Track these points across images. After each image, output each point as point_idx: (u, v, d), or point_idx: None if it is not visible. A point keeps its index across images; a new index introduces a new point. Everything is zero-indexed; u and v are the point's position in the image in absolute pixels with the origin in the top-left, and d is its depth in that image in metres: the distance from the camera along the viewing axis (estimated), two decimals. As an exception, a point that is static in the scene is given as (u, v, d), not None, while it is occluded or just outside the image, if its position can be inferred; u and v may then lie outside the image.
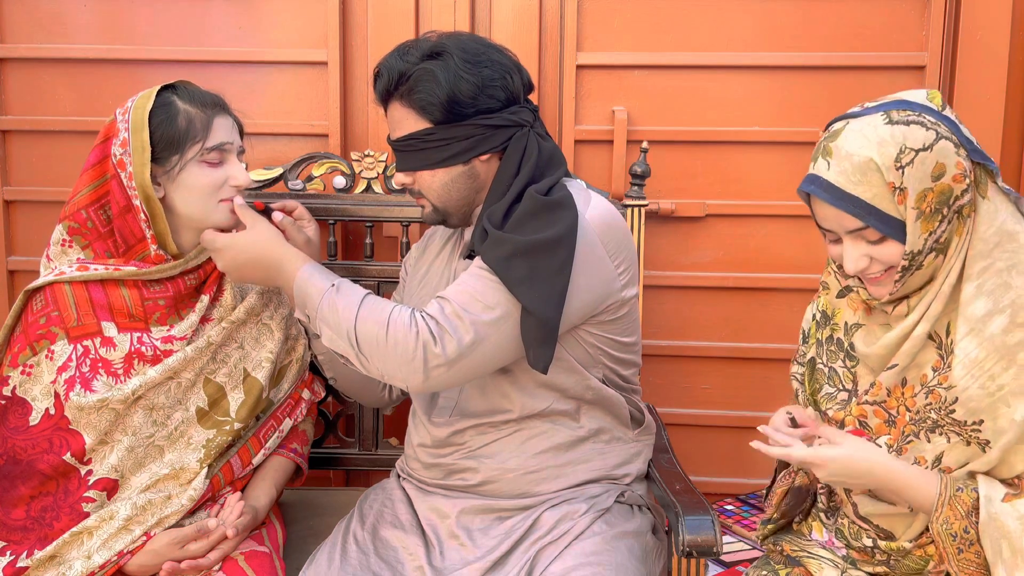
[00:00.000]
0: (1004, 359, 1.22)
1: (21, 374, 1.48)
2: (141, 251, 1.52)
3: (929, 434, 1.29)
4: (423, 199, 1.52)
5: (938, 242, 1.24)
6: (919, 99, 1.25)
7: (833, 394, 1.39)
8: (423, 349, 1.34)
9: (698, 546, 1.41)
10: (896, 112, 1.23)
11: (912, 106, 1.24)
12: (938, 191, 1.21)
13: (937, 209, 1.22)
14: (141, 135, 1.48)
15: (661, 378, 2.14)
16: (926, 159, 1.20)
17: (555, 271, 1.35)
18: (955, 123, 1.24)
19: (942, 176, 1.21)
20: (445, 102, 1.42)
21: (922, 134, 1.21)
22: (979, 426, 1.24)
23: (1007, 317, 1.22)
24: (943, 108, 1.25)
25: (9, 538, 1.47)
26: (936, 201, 1.21)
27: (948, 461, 1.28)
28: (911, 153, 1.20)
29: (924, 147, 1.20)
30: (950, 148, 1.21)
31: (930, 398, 1.28)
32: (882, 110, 1.24)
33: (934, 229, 1.23)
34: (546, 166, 1.47)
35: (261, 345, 1.64)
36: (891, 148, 1.20)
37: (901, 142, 1.20)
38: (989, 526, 1.22)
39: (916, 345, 1.27)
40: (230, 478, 1.58)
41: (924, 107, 1.24)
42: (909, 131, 1.21)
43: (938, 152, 1.21)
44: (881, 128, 1.22)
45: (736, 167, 2.08)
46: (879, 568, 1.37)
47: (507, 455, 1.51)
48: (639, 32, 2.05)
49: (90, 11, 2.09)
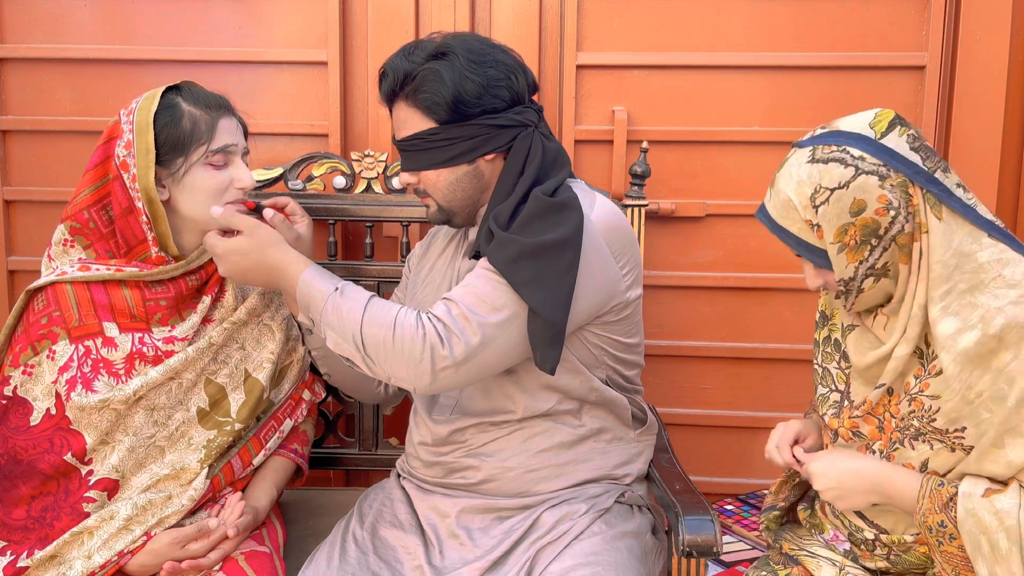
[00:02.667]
0: (979, 368, 1.23)
1: (22, 374, 1.48)
2: (142, 252, 1.52)
3: (913, 441, 1.31)
4: (428, 198, 1.52)
5: (873, 269, 1.27)
6: (858, 127, 1.27)
7: (826, 395, 1.41)
8: (430, 351, 1.34)
9: (698, 546, 1.41)
10: (821, 148, 1.26)
11: (842, 139, 1.26)
12: (860, 225, 1.24)
13: (864, 240, 1.25)
14: (146, 137, 1.47)
15: (661, 378, 2.14)
16: (842, 197, 1.24)
17: (561, 272, 1.35)
18: (892, 151, 1.25)
19: (862, 211, 1.24)
20: (450, 102, 1.42)
21: (839, 172, 1.24)
22: (962, 432, 1.26)
23: (978, 331, 1.22)
24: (885, 133, 1.26)
25: (10, 538, 1.47)
26: (861, 234, 1.25)
27: (935, 466, 1.30)
28: (826, 192, 1.24)
29: (840, 185, 1.23)
30: (872, 183, 1.23)
31: (913, 405, 1.29)
32: (812, 144, 1.28)
33: (864, 258, 1.26)
34: (550, 166, 1.47)
35: (262, 346, 1.64)
36: (807, 188, 1.25)
37: (817, 182, 1.25)
38: (967, 521, 1.23)
39: (899, 365, 1.29)
40: (231, 478, 1.58)
41: (856, 138, 1.26)
42: (827, 169, 1.24)
43: (856, 189, 1.23)
44: (802, 167, 1.27)
45: (736, 167, 2.08)
46: (880, 564, 1.37)
47: (508, 453, 1.52)
48: (639, 32, 2.05)
49: (90, 11, 2.09)
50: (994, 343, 1.21)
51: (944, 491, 1.25)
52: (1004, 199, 2.07)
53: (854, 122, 1.28)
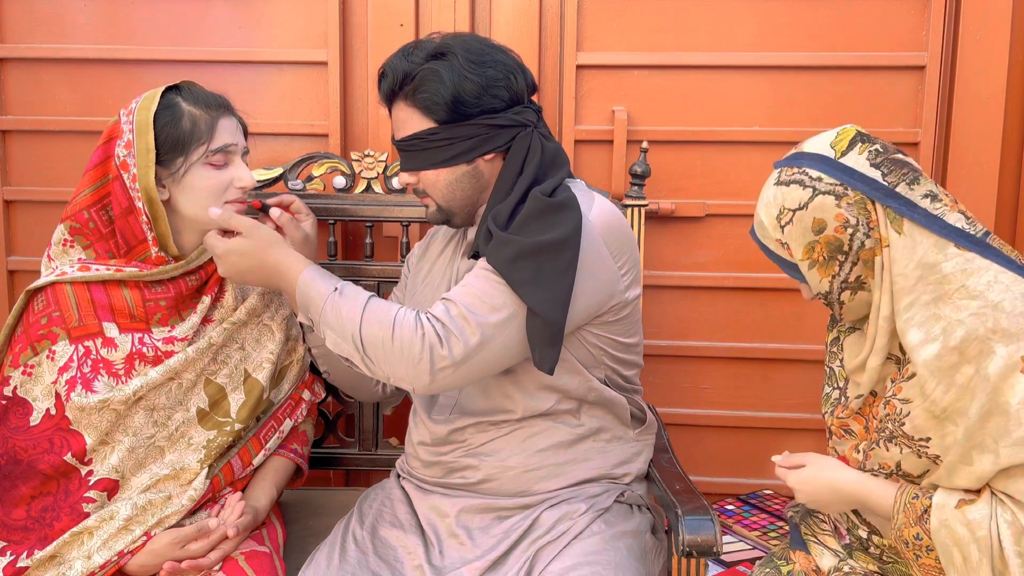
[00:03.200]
0: (943, 383, 1.23)
1: (22, 374, 1.48)
2: (142, 252, 1.52)
3: (887, 443, 1.32)
4: (427, 198, 1.52)
5: (847, 282, 1.30)
6: (819, 148, 1.31)
7: (829, 393, 1.43)
8: (429, 351, 1.35)
9: (698, 546, 1.41)
10: (785, 171, 1.32)
11: (803, 160, 1.31)
12: (824, 242, 1.29)
13: (831, 256, 1.29)
14: (146, 137, 1.47)
15: (661, 378, 2.14)
16: (803, 217, 1.28)
17: (560, 272, 1.35)
18: (850, 170, 1.27)
19: (824, 229, 1.28)
20: (449, 101, 1.42)
21: (798, 194, 1.29)
22: (927, 443, 1.27)
23: (939, 344, 1.22)
24: (845, 152, 1.29)
25: (9, 538, 1.47)
26: (827, 250, 1.29)
27: (907, 468, 1.31)
28: (789, 213, 1.30)
29: (800, 206, 1.28)
30: (829, 203, 1.27)
31: (887, 408, 1.31)
32: (780, 167, 1.33)
33: (836, 273, 1.30)
34: (549, 166, 1.47)
35: (262, 346, 1.64)
36: (773, 209, 1.31)
37: (781, 203, 1.30)
38: (940, 532, 1.23)
39: (873, 376, 1.32)
40: (230, 478, 1.58)
41: (816, 159, 1.29)
42: (788, 192, 1.30)
43: (815, 209, 1.27)
44: (770, 189, 1.33)
45: (736, 167, 2.08)
46: (871, 565, 1.38)
47: (507, 453, 1.52)
48: (639, 32, 2.05)
49: (89, 11, 2.09)
50: (955, 356, 1.21)
51: (919, 503, 1.26)
52: (1004, 199, 2.07)
53: (816, 143, 1.32)
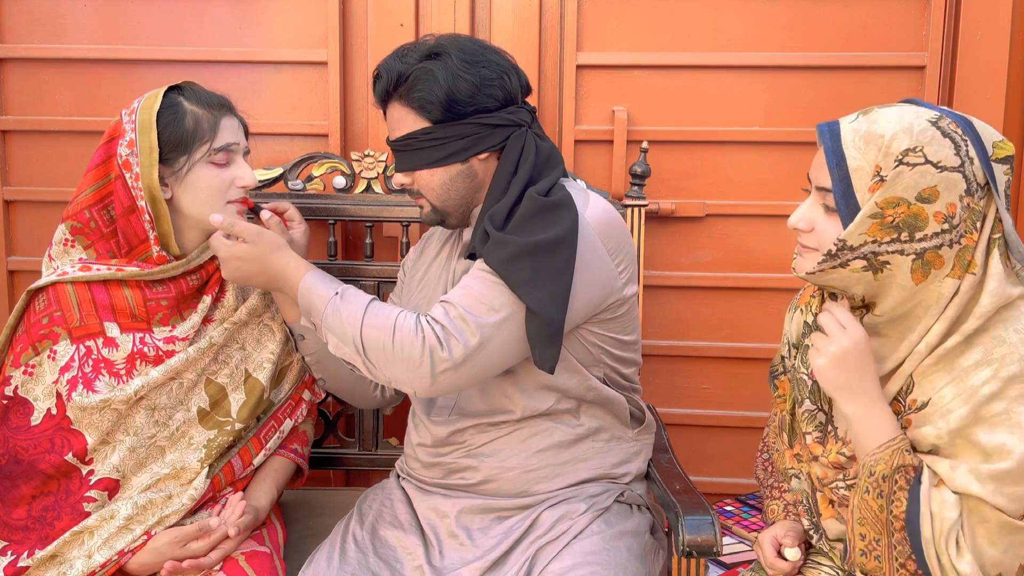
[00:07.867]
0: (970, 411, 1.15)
1: (23, 374, 1.48)
2: (143, 252, 1.52)
3: None
4: (422, 199, 1.52)
5: (874, 256, 1.16)
6: (987, 135, 1.17)
7: (814, 412, 1.35)
8: (430, 354, 1.35)
9: (698, 546, 1.41)
10: (949, 123, 1.15)
11: (969, 131, 1.16)
12: (911, 212, 1.13)
13: (897, 226, 1.14)
14: (149, 136, 1.48)
15: (661, 378, 2.15)
16: (926, 173, 1.12)
17: (558, 271, 1.36)
18: (995, 176, 1.15)
19: (928, 201, 1.13)
20: (444, 101, 1.42)
21: (945, 152, 1.13)
22: None
23: (990, 370, 1.15)
24: (1000, 160, 1.17)
25: (10, 537, 1.47)
26: (902, 219, 1.14)
27: None
28: (919, 157, 1.12)
29: (935, 163, 1.12)
30: (959, 185, 1.13)
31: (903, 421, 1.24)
32: (942, 113, 1.17)
33: (880, 239, 1.15)
34: (544, 165, 1.48)
35: (262, 346, 1.64)
36: (906, 141, 1.13)
37: (921, 143, 1.13)
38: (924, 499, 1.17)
39: None
40: (231, 478, 1.58)
41: (979, 141, 1.15)
42: (938, 141, 1.13)
43: (943, 178, 1.12)
44: (919, 121, 1.14)
45: (736, 167, 2.08)
46: None
47: (507, 453, 1.52)
48: (639, 32, 2.05)
49: (89, 11, 2.08)
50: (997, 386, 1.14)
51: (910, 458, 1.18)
52: (1004, 199, 2.07)
53: (987, 129, 1.18)
